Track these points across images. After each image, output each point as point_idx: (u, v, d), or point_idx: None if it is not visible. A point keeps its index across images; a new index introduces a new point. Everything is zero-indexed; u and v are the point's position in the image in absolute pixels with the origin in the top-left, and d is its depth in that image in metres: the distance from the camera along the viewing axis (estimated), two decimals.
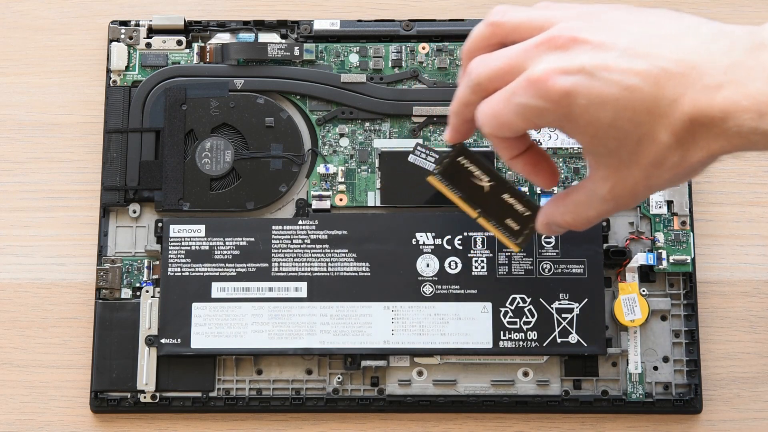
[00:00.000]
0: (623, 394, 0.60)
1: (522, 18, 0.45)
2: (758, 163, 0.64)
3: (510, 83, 0.43)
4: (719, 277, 0.62)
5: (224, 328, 0.60)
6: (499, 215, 0.51)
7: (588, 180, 0.45)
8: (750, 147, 0.40)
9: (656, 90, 0.41)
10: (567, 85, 0.41)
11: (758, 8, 0.66)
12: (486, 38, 0.46)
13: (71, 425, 0.61)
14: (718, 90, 0.40)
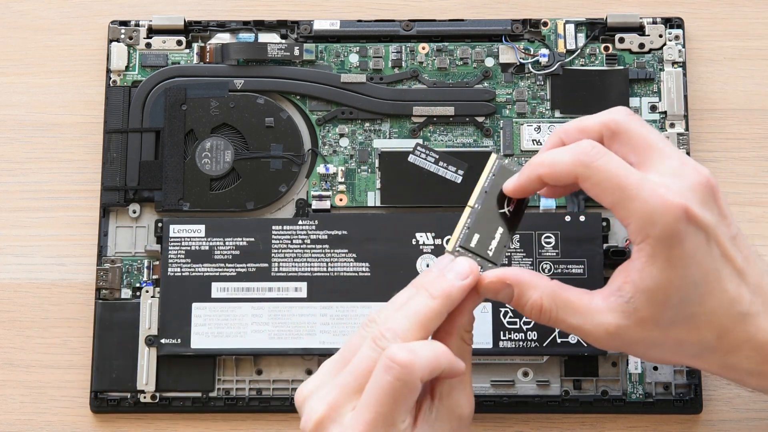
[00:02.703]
0: (623, 394, 0.60)
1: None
2: (758, 163, 0.64)
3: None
4: None
5: (224, 328, 0.60)
6: (479, 225, 0.50)
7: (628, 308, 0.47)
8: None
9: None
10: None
11: (758, 8, 0.66)
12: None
13: (71, 425, 0.61)
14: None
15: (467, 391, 0.47)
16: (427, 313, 0.46)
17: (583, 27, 0.64)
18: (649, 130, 0.48)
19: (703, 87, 0.65)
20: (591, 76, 0.64)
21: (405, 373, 0.44)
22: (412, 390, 0.44)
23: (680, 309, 0.46)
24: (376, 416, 0.44)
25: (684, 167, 0.47)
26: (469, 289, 0.48)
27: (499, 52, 0.64)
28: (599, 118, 0.49)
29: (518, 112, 0.63)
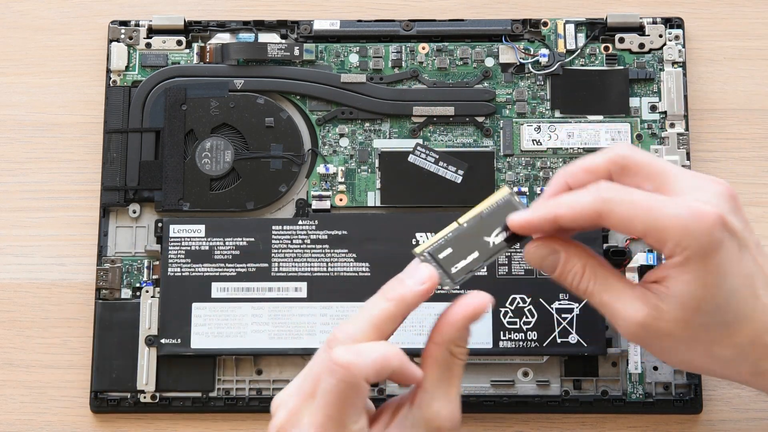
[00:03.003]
0: (623, 394, 0.60)
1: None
2: (758, 163, 0.64)
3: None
4: None
5: (224, 328, 0.60)
6: (457, 242, 0.50)
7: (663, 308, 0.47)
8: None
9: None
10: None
11: (758, 8, 0.66)
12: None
13: (71, 425, 0.61)
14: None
15: (450, 404, 0.47)
16: (379, 315, 0.46)
17: (583, 27, 0.64)
18: (656, 158, 0.48)
19: (703, 87, 0.65)
20: (591, 76, 0.64)
21: (347, 375, 0.44)
22: (358, 391, 0.45)
23: (715, 315, 0.47)
24: (325, 419, 0.45)
25: (703, 181, 0.47)
26: (425, 294, 0.48)
27: (499, 52, 0.64)
28: (605, 156, 0.48)
29: (518, 112, 0.63)
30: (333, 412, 0.45)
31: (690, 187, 0.47)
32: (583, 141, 0.63)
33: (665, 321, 0.47)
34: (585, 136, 0.63)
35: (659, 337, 0.48)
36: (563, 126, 0.63)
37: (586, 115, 0.63)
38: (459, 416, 0.47)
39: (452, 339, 0.48)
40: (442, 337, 0.48)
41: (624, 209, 0.46)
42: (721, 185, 0.47)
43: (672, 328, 0.47)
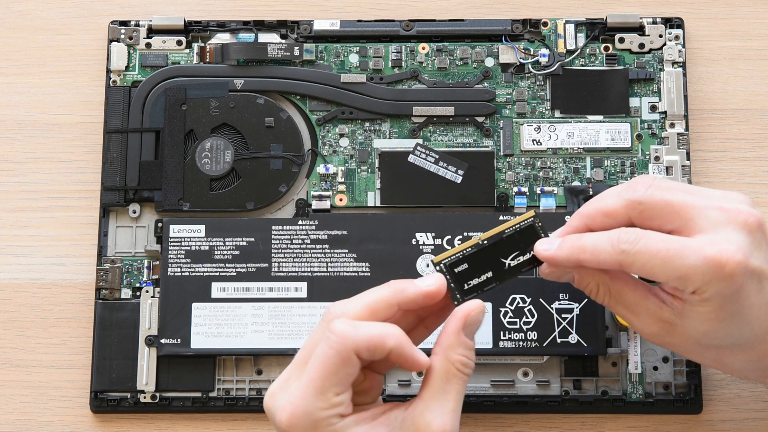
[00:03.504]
0: (623, 394, 0.60)
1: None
2: (758, 163, 0.64)
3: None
4: None
5: (224, 328, 0.60)
6: (475, 259, 0.51)
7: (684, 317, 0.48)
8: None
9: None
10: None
11: (758, 8, 0.66)
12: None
13: (71, 425, 0.61)
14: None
15: (444, 416, 0.47)
16: (375, 297, 0.48)
17: (583, 27, 0.64)
18: (675, 194, 0.48)
19: (703, 87, 0.65)
20: (591, 76, 0.64)
21: (338, 342, 0.46)
22: (346, 361, 0.46)
23: (726, 340, 0.48)
24: (309, 382, 0.46)
25: (727, 213, 0.47)
26: (426, 296, 0.49)
27: (499, 52, 0.64)
28: (621, 200, 0.49)
29: (518, 112, 0.63)
30: (317, 376, 0.46)
31: (712, 223, 0.46)
32: (583, 141, 0.63)
33: (677, 335, 0.49)
34: (585, 136, 0.63)
35: (671, 345, 0.50)
36: (563, 126, 0.63)
37: (586, 115, 0.63)
38: (448, 430, 0.47)
39: (449, 346, 0.48)
40: (440, 346, 0.48)
41: (643, 262, 0.47)
42: (746, 215, 0.47)
43: (683, 341, 0.49)
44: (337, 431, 0.46)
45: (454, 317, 0.49)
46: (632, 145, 0.63)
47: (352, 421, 0.47)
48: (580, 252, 0.49)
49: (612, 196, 0.49)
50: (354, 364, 0.46)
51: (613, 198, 0.49)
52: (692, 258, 0.46)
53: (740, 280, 0.46)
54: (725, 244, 0.46)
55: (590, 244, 0.49)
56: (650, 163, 0.62)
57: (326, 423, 0.46)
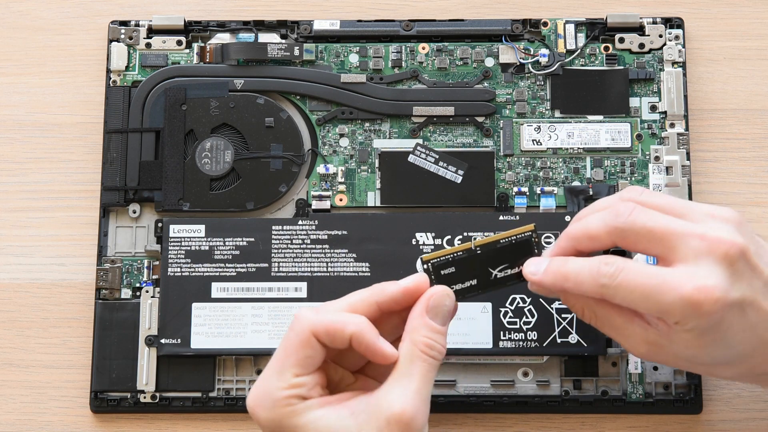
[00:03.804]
0: (623, 394, 0.60)
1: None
2: (758, 163, 0.64)
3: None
4: None
5: (224, 328, 0.60)
6: (463, 264, 0.51)
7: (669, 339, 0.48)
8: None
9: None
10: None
11: (758, 8, 0.66)
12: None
13: (71, 425, 0.61)
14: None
15: (406, 397, 0.47)
16: (357, 297, 0.50)
17: (583, 27, 0.64)
18: (657, 220, 0.48)
19: (703, 87, 0.65)
20: (591, 76, 0.64)
21: (298, 324, 0.48)
22: (304, 343, 0.48)
23: (713, 359, 0.49)
24: (270, 365, 0.48)
25: (708, 243, 0.46)
26: (404, 293, 0.50)
27: (499, 52, 0.64)
28: (604, 226, 0.49)
29: (518, 112, 0.63)
30: (277, 358, 0.48)
31: (693, 253, 0.46)
32: (583, 141, 0.63)
33: (665, 355, 0.49)
34: (585, 136, 0.63)
35: (662, 361, 0.51)
36: (563, 126, 0.63)
37: (586, 115, 0.63)
38: (409, 412, 0.46)
39: (413, 328, 0.49)
40: (406, 331, 0.49)
41: (623, 296, 0.48)
42: (725, 246, 0.46)
43: (673, 360, 0.50)
44: (297, 412, 0.47)
45: (419, 301, 0.49)
46: (632, 145, 0.63)
47: (314, 404, 0.47)
48: (563, 281, 0.49)
49: (596, 220, 0.49)
50: (313, 347, 0.48)
51: (596, 222, 0.49)
52: (670, 296, 0.46)
53: (718, 316, 0.46)
54: (703, 279, 0.46)
55: (573, 274, 0.49)
56: (650, 163, 0.62)
57: (285, 402, 0.47)
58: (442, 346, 0.49)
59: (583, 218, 0.50)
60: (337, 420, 0.47)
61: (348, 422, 0.47)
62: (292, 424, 0.47)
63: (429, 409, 0.48)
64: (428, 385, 0.48)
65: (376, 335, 0.48)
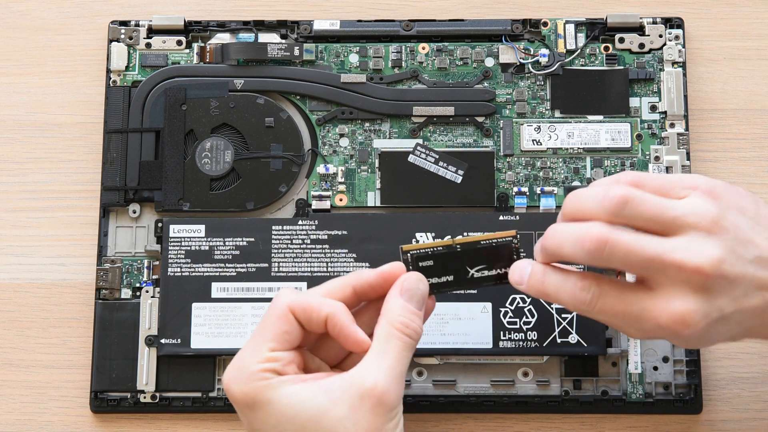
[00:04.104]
0: (623, 394, 0.60)
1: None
2: (758, 163, 0.64)
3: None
4: None
5: (224, 328, 0.60)
6: (442, 260, 0.52)
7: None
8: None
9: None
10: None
11: (758, 8, 0.66)
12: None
13: (71, 425, 0.61)
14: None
15: (379, 371, 0.47)
16: (333, 282, 0.51)
17: (583, 27, 0.64)
18: (633, 248, 0.46)
19: (703, 87, 0.65)
20: (591, 76, 0.64)
21: (276, 300, 0.49)
22: (281, 317, 0.49)
23: (706, 346, 0.50)
24: (250, 340, 0.50)
25: (686, 274, 0.45)
26: (378, 278, 0.51)
27: (499, 52, 0.64)
28: (583, 254, 0.47)
29: (518, 112, 0.63)
30: (256, 333, 0.49)
31: (672, 281, 0.46)
32: (583, 141, 0.63)
33: (660, 338, 0.49)
34: (585, 136, 0.63)
35: (658, 339, 0.51)
36: (563, 126, 0.63)
37: (586, 115, 0.63)
38: (381, 387, 0.47)
39: (388, 309, 0.49)
40: (382, 312, 0.50)
41: (602, 319, 0.48)
42: (701, 277, 0.45)
43: (668, 341, 0.51)
44: (271, 386, 0.48)
45: (394, 284, 0.50)
46: (632, 145, 0.63)
47: (288, 380, 0.48)
48: (544, 295, 0.49)
49: (571, 245, 0.47)
50: (290, 322, 0.49)
51: (572, 248, 0.47)
52: (648, 324, 0.46)
53: (698, 335, 0.46)
54: (681, 308, 0.45)
55: (552, 292, 0.49)
56: (650, 164, 0.62)
57: (259, 376, 0.48)
58: (418, 326, 0.50)
59: (558, 238, 0.48)
60: (310, 396, 0.47)
61: (321, 399, 0.47)
62: (266, 398, 0.48)
63: (403, 388, 0.48)
64: (402, 364, 0.48)
65: (350, 320, 0.49)
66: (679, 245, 0.45)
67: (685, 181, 0.48)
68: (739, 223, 0.46)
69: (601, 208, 0.46)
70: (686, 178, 0.48)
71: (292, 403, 0.47)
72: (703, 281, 0.45)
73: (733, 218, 0.46)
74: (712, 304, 0.46)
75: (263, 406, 0.48)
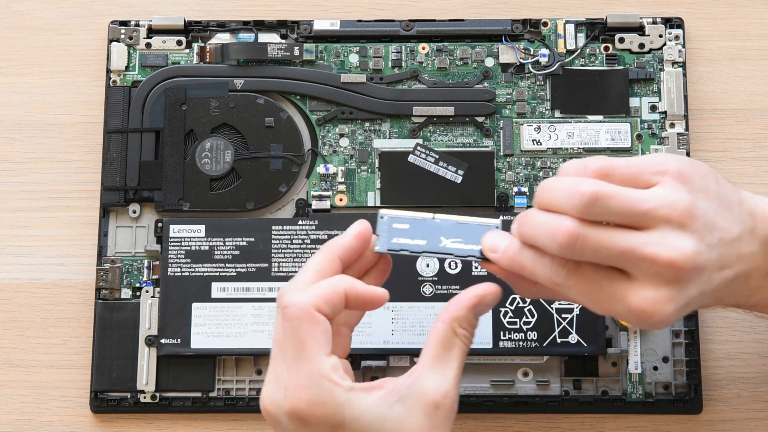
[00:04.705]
0: (623, 394, 0.60)
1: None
2: (758, 163, 0.64)
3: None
4: None
5: (224, 328, 0.60)
6: (417, 226, 0.51)
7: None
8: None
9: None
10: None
11: (758, 8, 0.66)
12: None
13: (71, 425, 0.61)
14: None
15: (443, 381, 0.48)
16: (319, 260, 0.49)
17: (583, 27, 0.64)
18: (605, 246, 0.45)
19: (703, 87, 0.65)
20: (591, 76, 0.64)
21: (295, 309, 0.47)
22: (313, 322, 0.47)
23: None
24: (292, 361, 0.47)
25: (658, 267, 0.45)
26: (354, 238, 0.50)
27: (499, 52, 0.64)
28: (554, 244, 0.46)
29: (518, 112, 0.63)
30: (295, 351, 0.47)
31: (644, 273, 0.45)
32: (583, 141, 0.63)
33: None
34: (585, 136, 0.63)
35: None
36: (563, 126, 0.63)
37: (586, 115, 0.63)
38: (451, 396, 0.48)
39: (456, 318, 0.49)
40: (448, 315, 0.49)
41: (574, 297, 0.47)
42: (674, 271, 0.45)
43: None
44: (350, 401, 0.47)
45: (469, 292, 0.49)
46: (632, 145, 0.63)
47: (358, 388, 0.47)
48: (519, 269, 0.48)
49: (544, 236, 0.46)
50: (322, 322, 0.47)
51: (545, 240, 0.46)
52: (619, 306, 0.46)
53: (664, 322, 0.46)
54: (652, 297, 0.45)
55: (528, 267, 0.48)
56: None
57: (334, 391, 0.46)
58: (474, 337, 0.50)
59: (532, 227, 0.47)
60: (389, 406, 0.47)
61: (398, 408, 0.47)
62: (352, 415, 0.46)
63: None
64: (461, 371, 0.49)
65: (364, 285, 0.49)
66: (651, 239, 0.45)
67: (655, 164, 0.47)
68: (706, 208, 0.46)
69: (571, 206, 0.46)
70: (655, 161, 0.47)
71: (375, 417, 0.47)
72: (676, 274, 0.45)
73: (702, 204, 0.46)
74: (681, 295, 0.46)
75: (351, 424, 0.47)
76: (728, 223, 0.46)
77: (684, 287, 0.45)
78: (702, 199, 0.46)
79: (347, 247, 0.50)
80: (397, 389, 0.48)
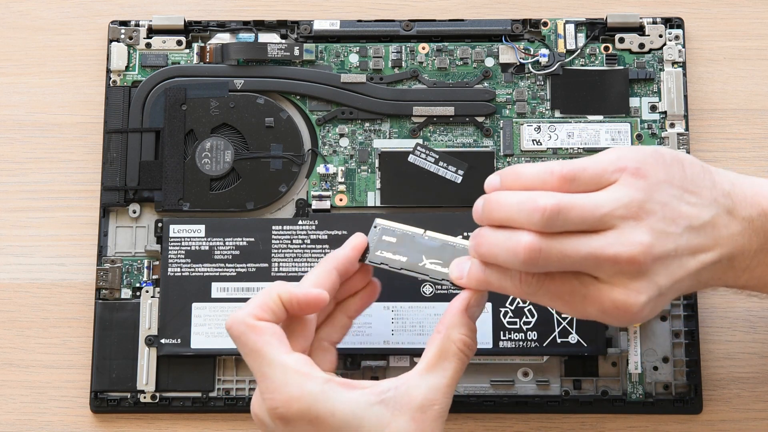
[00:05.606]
0: (623, 394, 0.60)
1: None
2: (758, 163, 0.64)
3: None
4: None
5: (224, 329, 0.60)
6: (405, 240, 0.53)
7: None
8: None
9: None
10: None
11: (758, 8, 0.66)
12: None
13: (71, 425, 0.61)
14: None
15: (439, 390, 0.48)
16: (317, 272, 0.52)
17: (583, 27, 0.64)
18: (568, 253, 0.46)
19: (703, 87, 0.65)
20: (591, 76, 0.64)
21: (231, 330, 0.50)
22: (255, 331, 0.49)
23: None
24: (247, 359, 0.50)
25: (620, 266, 0.45)
26: (349, 252, 0.53)
27: (499, 52, 0.64)
28: (516, 261, 0.46)
29: (518, 112, 0.63)
30: (246, 359, 0.50)
31: (608, 273, 0.46)
32: (583, 141, 0.63)
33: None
34: (585, 136, 0.63)
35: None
36: (563, 126, 0.63)
37: (586, 115, 0.63)
38: (439, 403, 0.48)
39: (451, 324, 0.49)
40: (443, 324, 0.50)
41: (546, 303, 0.48)
42: (635, 266, 0.45)
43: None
44: (326, 394, 0.47)
45: (458, 298, 0.50)
46: (632, 145, 0.63)
47: (340, 384, 0.48)
48: (487, 285, 0.49)
49: (505, 255, 0.47)
50: (265, 327, 0.49)
51: (506, 258, 0.47)
52: (592, 308, 0.46)
53: (639, 317, 0.46)
54: (623, 297, 0.46)
55: (496, 281, 0.48)
56: None
57: (300, 382, 0.48)
58: (475, 344, 0.50)
59: (490, 247, 0.48)
60: (368, 405, 0.48)
61: (380, 409, 0.47)
62: (327, 410, 0.47)
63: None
64: (457, 379, 0.49)
65: (296, 285, 0.51)
66: (609, 240, 0.45)
67: (616, 162, 0.46)
68: (666, 200, 0.46)
69: (530, 222, 0.46)
70: (616, 158, 0.47)
71: (352, 415, 0.47)
72: (638, 268, 0.45)
73: (659, 197, 0.46)
74: (650, 285, 0.46)
75: (327, 419, 0.47)
76: (696, 208, 0.47)
77: (650, 278, 0.46)
78: (663, 189, 0.46)
79: (344, 257, 0.52)
80: (381, 391, 0.48)
